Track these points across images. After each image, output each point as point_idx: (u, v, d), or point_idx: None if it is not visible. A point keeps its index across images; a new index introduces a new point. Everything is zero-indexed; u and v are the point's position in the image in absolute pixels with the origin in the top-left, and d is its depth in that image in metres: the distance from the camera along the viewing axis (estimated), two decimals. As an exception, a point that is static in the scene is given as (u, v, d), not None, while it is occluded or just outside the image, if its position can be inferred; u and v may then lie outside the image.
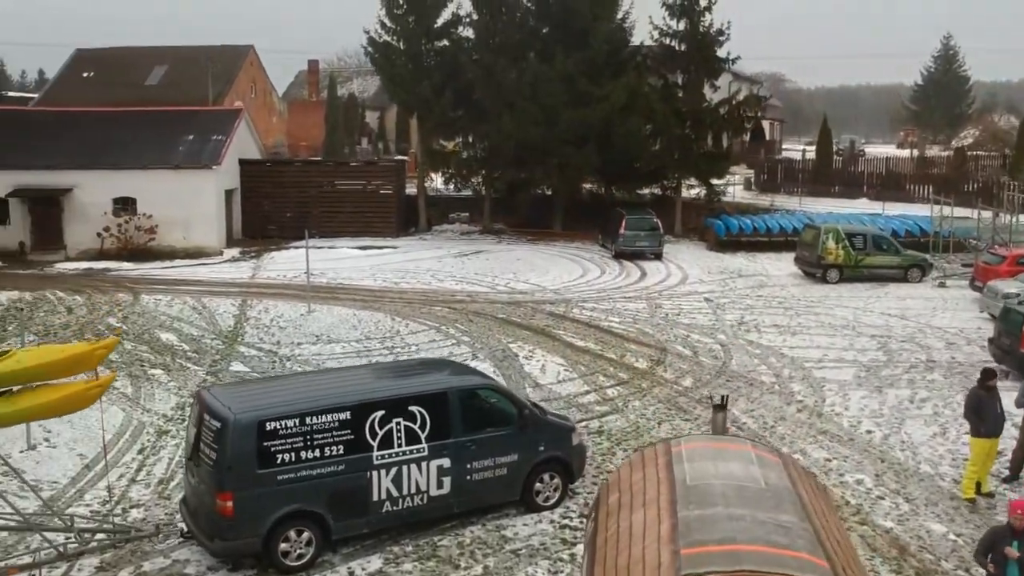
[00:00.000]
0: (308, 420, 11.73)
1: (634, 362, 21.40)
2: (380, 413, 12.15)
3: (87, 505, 13.75)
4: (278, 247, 38.45)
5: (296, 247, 37.82)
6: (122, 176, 36.12)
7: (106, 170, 36.10)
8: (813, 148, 60.64)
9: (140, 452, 15.86)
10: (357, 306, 27.34)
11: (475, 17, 40.50)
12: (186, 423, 16.45)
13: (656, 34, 40.93)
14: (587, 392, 19.19)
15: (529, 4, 40.66)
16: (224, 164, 37.20)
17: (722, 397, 10.99)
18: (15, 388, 10.93)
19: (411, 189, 45.57)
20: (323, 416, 11.82)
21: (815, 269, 31.38)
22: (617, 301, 28.41)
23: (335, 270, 33.36)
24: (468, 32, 41.13)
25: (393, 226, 40.99)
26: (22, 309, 26.71)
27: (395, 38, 40.73)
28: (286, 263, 34.90)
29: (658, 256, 35.83)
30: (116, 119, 39.91)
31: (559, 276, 32.59)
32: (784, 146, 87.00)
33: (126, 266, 34.64)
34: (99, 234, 35.72)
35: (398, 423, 12.23)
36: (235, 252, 37.44)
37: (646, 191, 43.59)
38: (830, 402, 18.54)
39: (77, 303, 27.82)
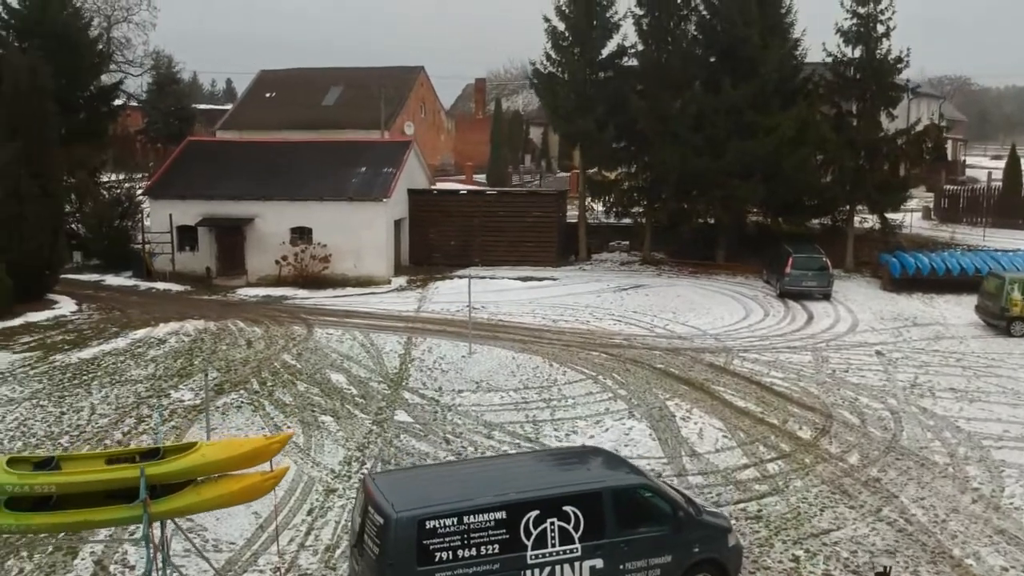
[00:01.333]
0: (466, 519, 12.06)
1: (797, 430, 20.77)
2: (535, 513, 12.34)
3: (260, 572, 14.63)
4: (443, 276, 39.55)
5: (459, 277, 38.88)
6: (299, 207, 38.05)
7: (284, 201, 38.15)
8: (1001, 163, 56.84)
9: (309, 513, 16.70)
10: (516, 348, 27.76)
11: (640, 48, 40.29)
12: (353, 492, 17.25)
13: (829, 61, 39.54)
14: (746, 466, 18.77)
15: (696, 33, 40.07)
16: (393, 196, 38.54)
17: (885, 567, 10.53)
18: (199, 479, 11.80)
19: (572, 210, 45.98)
20: (480, 515, 12.13)
21: (998, 321, 29.48)
22: (780, 351, 27.63)
23: (495, 304, 34.00)
24: (633, 62, 40.94)
25: (553, 255, 41.35)
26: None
27: (560, 70, 41.07)
28: (449, 294, 35.83)
29: (826, 297, 34.58)
30: (295, 149, 42.12)
31: (720, 317, 32.00)
32: (968, 160, 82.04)
33: (301, 294, 36.48)
34: (277, 262, 37.77)
35: (552, 523, 12.39)
36: (402, 281, 38.76)
37: (815, 222, 42.12)
38: (1009, 492, 17.41)
39: (256, 335, 29.52)
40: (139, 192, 42.51)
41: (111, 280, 39.22)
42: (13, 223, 32.57)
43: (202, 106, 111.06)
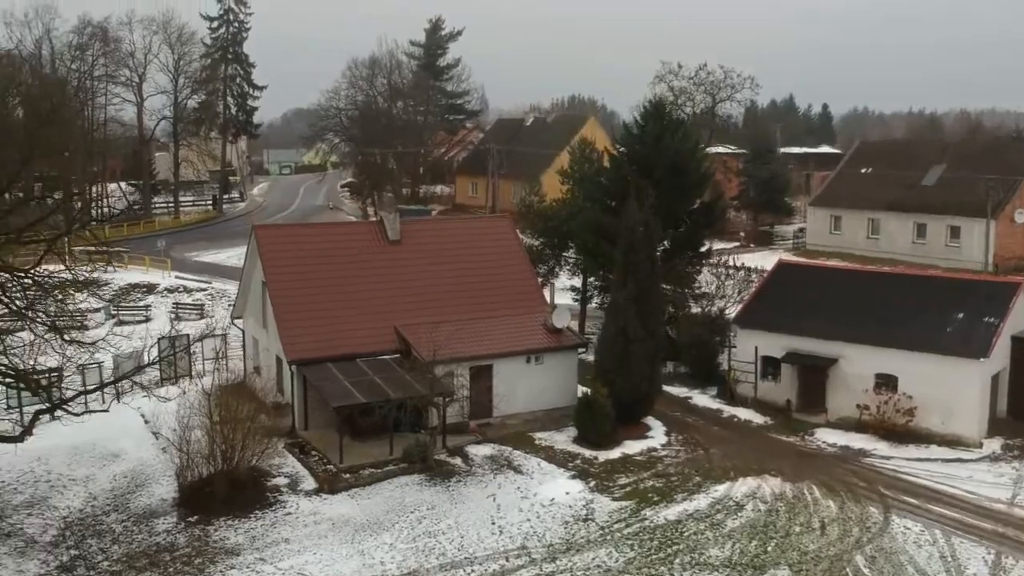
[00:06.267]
0: None
1: None
2: None
3: None
4: (1045, 441, 35.37)
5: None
6: (885, 354, 36.80)
7: (870, 346, 37.23)
8: None
9: None
10: None
11: None
12: None
13: None
14: None
15: None
16: (993, 353, 35.38)
17: None
18: None
19: None
20: None
21: None
22: None
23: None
24: None
25: None
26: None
27: None
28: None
29: None
30: (886, 282, 40.90)
31: None
32: None
33: (880, 448, 35.31)
34: (858, 406, 37.11)
35: None
36: (996, 445, 35.39)
37: None
38: None
39: (830, 515, 29.51)
40: (727, 313, 44.83)
41: (697, 398, 42.06)
42: (620, 359, 36.84)
43: (795, 149, 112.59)
